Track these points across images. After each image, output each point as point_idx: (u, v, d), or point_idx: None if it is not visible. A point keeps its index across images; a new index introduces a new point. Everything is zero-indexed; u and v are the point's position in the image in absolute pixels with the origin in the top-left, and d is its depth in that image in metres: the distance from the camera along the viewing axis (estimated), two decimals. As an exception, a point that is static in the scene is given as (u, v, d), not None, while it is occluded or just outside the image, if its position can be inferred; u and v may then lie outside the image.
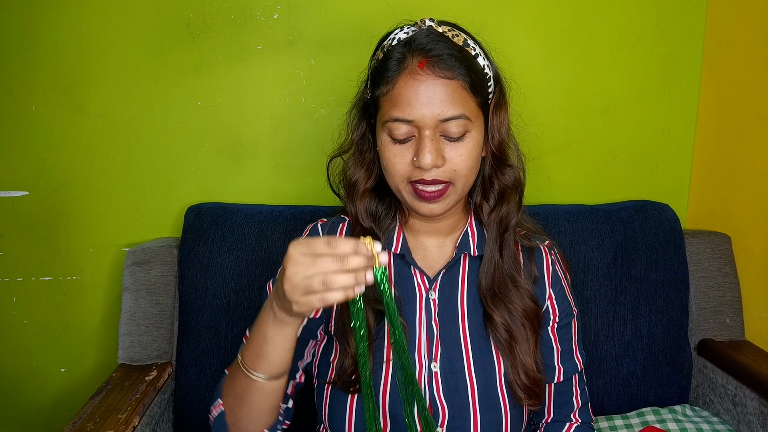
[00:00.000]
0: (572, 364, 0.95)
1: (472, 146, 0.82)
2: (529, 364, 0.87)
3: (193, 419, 1.21)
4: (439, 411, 0.85)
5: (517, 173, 0.91)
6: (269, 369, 0.76)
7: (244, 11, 1.30)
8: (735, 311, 1.33)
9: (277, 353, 0.75)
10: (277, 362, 0.76)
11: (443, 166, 0.81)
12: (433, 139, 0.80)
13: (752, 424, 1.17)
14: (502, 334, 0.87)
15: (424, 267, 0.92)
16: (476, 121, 0.83)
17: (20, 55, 1.27)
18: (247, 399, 0.78)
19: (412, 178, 0.82)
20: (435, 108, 0.79)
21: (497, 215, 0.91)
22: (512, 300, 0.88)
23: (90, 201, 1.33)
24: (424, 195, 0.82)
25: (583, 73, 1.40)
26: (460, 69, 0.80)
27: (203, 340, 1.21)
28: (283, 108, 1.34)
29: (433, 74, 0.79)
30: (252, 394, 0.78)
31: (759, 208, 1.29)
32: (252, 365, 0.76)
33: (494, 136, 0.87)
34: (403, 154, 0.82)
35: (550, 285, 0.94)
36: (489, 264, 0.90)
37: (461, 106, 0.80)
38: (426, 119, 0.79)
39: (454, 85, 0.80)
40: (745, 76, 1.32)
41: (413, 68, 0.80)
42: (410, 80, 0.80)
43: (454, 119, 0.79)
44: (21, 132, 1.29)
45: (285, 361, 0.76)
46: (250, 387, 0.77)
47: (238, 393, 0.79)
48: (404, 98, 0.80)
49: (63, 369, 1.39)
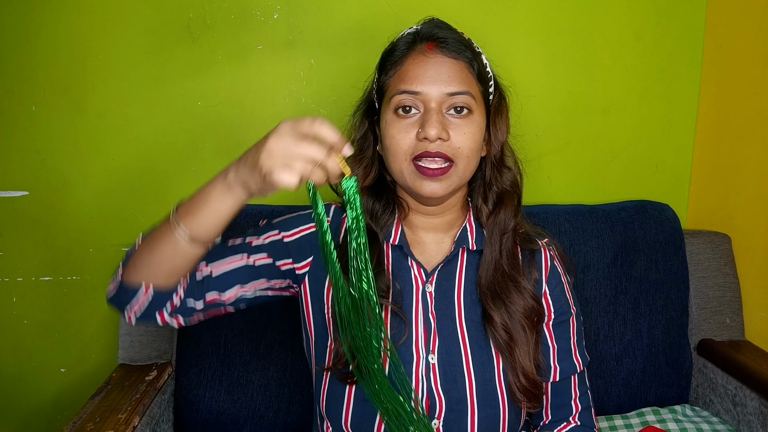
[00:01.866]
0: (570, 365, 0.94)
1: (474, 129, 0.85)
2: (528, 367, 0.86)
3: (193, 419, 1.21)
4: (437, 403, 0.85)
5: (515, 176, 0.93)
6: (193, 228, 0.76)
7: (244, 11, 1.30)
8: (735, 311, 1.33)
9: (209, 218, 0.76)
10: (204, 227, 0.77)
11: (447, 141, 0.83)
12: (438, 112, 0.83)
13: (752, 424, 1.17)
14: (501, 336, 0.87)
15: (422, 261, 0.92)
16: (479, 106, 0.86)
17: (20, 55, 1.27)
18: (158, 247, 0.78)
19: (416, 152, 0.83)
20: (442, 83, 0.83)
21: (495, 218, 0.92)
22: (513, 300, 0.88)
23: (90, 201, 1.33)
24: (427, 172, 0.83)
25: (583, 73, 1.40)
26: (466, 53, 0.85)
27: (203, 340, 1.21)
28: (283, 108, 1.34)
29: (441, 54, 0.84)
30: (164, 244, 0.78)
31: (759, 208, 1.29)
32: (180, 218, 0.77)
33: (495, 138, 0.90)
34: (408, 129, 0.84)
35: (546, 281, 0.94)
36: (490, 261, 0.90)
37: (467, 85, 0.84)
38: (433, 93, 0.83)
39: (461, 65, 0.85)
40: (745, 76, 1.32)
41: (422, 49, 0.85)
42: (419, 57, 0.85)
43: (459, 94, 0.83)
44: (21, 132, 1.29)
45: (210, 230, 0.77)
46: (166, 236, 0.78)
47: (154, 237, 0.79)
48: (412, 73, 0.84)
49: (63, 369, 1.39)
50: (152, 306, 0.81)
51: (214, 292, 0.86)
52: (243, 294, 0.89)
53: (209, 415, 1.21)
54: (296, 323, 1.24)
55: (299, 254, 0.92)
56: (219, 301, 0.87)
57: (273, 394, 1.22)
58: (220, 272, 0.87)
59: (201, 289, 0.85)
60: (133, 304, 0.81)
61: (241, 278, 0.88)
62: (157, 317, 0.83)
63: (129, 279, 0.80)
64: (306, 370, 1.24)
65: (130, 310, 0.81)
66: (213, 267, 0.86)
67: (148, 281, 0.79)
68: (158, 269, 0.79)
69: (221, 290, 0.87)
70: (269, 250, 0.91)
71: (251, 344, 1.22)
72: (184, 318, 0.86)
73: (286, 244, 0.92)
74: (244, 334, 1.22)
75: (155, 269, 0.79)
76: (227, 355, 1.22)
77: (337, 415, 0.87)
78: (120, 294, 0.81)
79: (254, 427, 1.22)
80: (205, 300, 0.86)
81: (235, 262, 0.88)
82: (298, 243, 0.92)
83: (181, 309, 0.84)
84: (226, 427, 1.21)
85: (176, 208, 0.79)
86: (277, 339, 1.23)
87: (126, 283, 0.80)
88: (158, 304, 0.82)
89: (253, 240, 0.91)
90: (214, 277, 0.86)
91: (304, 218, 0.94)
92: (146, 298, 0.80)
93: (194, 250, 0.79)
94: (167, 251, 0.78)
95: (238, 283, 0.88)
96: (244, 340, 1.22)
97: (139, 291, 0.79)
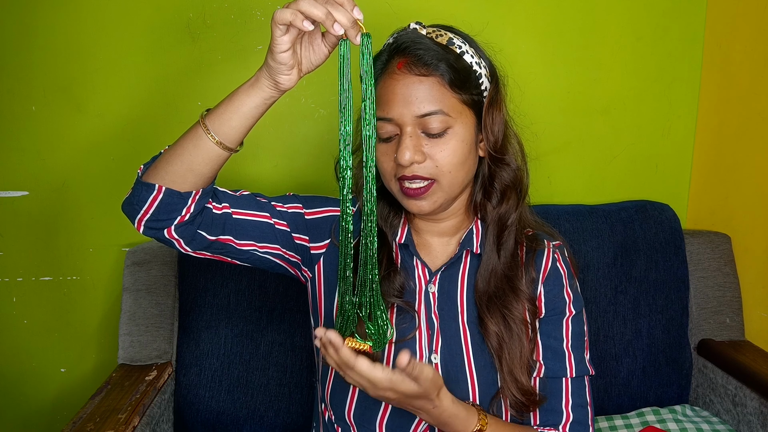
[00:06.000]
0: (560, 366, 0.89)
1: (455, 143, 0.83)
2: (520, 377, 0.85)
3: (193, 419, 1.21)
4: None
5: (516, 172, 0.91)
6: (221, 128, 0.77)
7: (244, 11, 1.30)
8: (735, 311, 1.33)
9: (236, 117, 0.77)
10: (231, 126, 0.77)
11: (424, 162, 0.82)
12: (412, 136, 0.81)
13: (752, 424, 1.17)
14: (493, 344, 0.86)
15: (428, 261, 0.92)
16: (459, 117, 0.83)
17: (20, 55, 1.27)
18: (180, 145, 0.79)
19: (398, 175, 0.84)
20: (412, 105, 0.81)
21: (496, 213, 0.91)
22: (510, 307, 0.87)
23: (90, 201, 1.33)
24: (409, 192, 0.84)
25: (583, 73, 1.40)
26: (437, 66, 0.81)
27: (203, 340, 1.22)
28: (283, 108, 1.34)
29: (409, 73, 0.81)
30: (186, 141, 0.78)
31: (759, 208, 1.29)
32: (206, 118, 0.78)
33: (489, 135, 0.87)
34: (389, 152, 0.84)
35: (542, 282, 0.92)
36: (486, 267, 0.89)
37: (438, 102, 0.81)
38: (404, 117, 0.81)
39: (431, 82, 0.81)
40: (745, 76, 1.32)
41: (392, 69, 0.83)
42: (389, 80, 0.83)
43: (430, 115, 0.81)
44: (21, 132, 1.29)
45: (238, 130, 0.78)
46: (190, 135, 0.78)
47: (179, 139, 0.80)
48: (384, 98, 0.83)
49: (63, 369, 1.39)
50: (161, 210, 0.79)
51: (229, 236, 0.86)
52: (254, 249, 0.89)
53: (209, 415, 1.21)
54: (296, 323, 1.25)
55: (317, 234, 0.93)
56: (231, 242, 0.87)
57: (273, 394, 1.22)
58: (239, 218, 0.87)
59: (217, 226, 0.85)
60: (145, 205, 0.79)
61: (258, 233, 0.88)
62: (164, 230, 0.81)
63: (147, 178, 0.80)
64: (306, 370, 1.24)
65: (142, 215, 0.80)
66: (234, 210, 0.87)
67: (163, 182, 0.79)
68: (176, 167, 0.78)
69: (237, 238, 0.87)
70: (290, 219, 0.92)
71: (251, 344, 1.22)
72: (189, 243, 0.84)
73: (306, 220, 0.93)
74: (244, 334, 1.23)
75: (173, 167, 0.78)
76: (227, 355, 1.22)
77: (340, 404, 0.88)
78: (134, 194, 0.80)
79: (254, 427, 1.22)
80: (218, 238, 0.86)
81: (257, 216, 0.89)
82: (318, 223, 0.93)
83: (190, 232, 0.82)
84: (226, 427, 1.21)
85: (204, 113, 0.80)
86: (277, 339, 1.23)
87: (143, 181, 0.80)
88: (167, 210, 0.79)
89: (278, 205, 0.91)
90: (234, 219, 0.86)
91: (329, 201, 0.95)
92: (157, 198, 0.79)
93: (215, 150, 0.78)
94: (188, 146, 0.78)
95: (254, 236, 0.88)
96: (244, 340, 1.22)
97: (153, 191, 0.78)
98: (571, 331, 0.92)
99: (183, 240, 0.83)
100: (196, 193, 0.80)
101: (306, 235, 0.93)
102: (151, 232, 0.81)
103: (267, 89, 0.76)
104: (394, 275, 0.88)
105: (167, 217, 0.79)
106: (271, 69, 0.75)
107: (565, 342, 0.91)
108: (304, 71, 0.77)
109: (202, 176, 0.79)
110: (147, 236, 0.82)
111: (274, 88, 0.76)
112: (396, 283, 0.88)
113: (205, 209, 0.83)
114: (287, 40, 0.71)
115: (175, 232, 0.81)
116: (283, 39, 0.71)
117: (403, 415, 0.87)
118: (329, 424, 0.92)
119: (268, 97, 0.77)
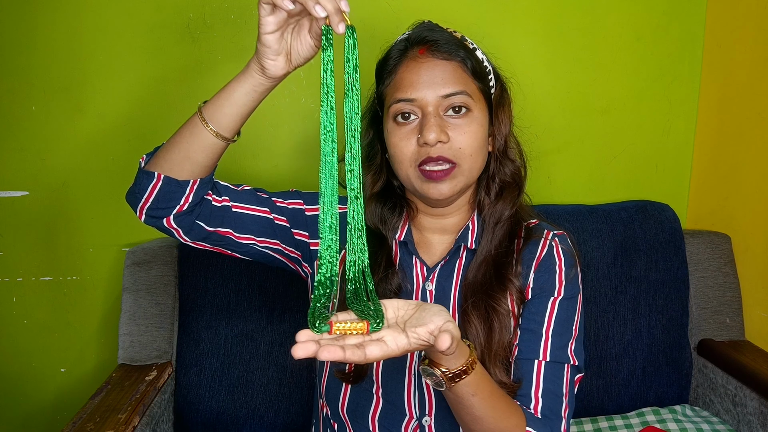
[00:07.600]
0: (533, 348, 0.85)
1: (475, 126, 0.85)
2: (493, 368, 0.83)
3: (193, 419, 1.21)
4: (426, 400, 0.87)
5: (517, 168, 0.92)
6: (215, 116, 0.79)
7: (244, 11, 1.30)
8: (735, 311, 1.33)
9: (227, 105, 0.78)
10: (226, 116, 0.79)
11: (448, 143, 0.83)
12: (436, 116, 0.83)
13: (752, 424, 1.17)
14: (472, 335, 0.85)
15: (426, 259, 0.92)
16: (478, 102, 0.86)
17: (20, 55, 1.27)
18: (178, 135, 0.81)
19: (420, 159, 0.84)
20: (436, 86, 0.83)
21: (493, 209, 0.91)
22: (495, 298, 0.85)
23: (90, 201, 1.33)
24: (432, 175, 0.83)
25: (583, 73, 1.40)
26: (458, 52, 0.85)
27: (203, 340, 1.22)
28: (283, 108, 1.34)
29: (433, 57, 0.84)
30: (184, 130, 0.81)
31: (759, 208, 1.29)
32: (205, 110, 0.80)
33: (498, 132, 0.90)
34: (409, 136, 0.84)
35: (534, 270, 0.90)
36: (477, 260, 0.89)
37: (462, 84, 0.84)
38: (428, 97, 0.83)
39: (454, 65, 0.84)
40: (745, 76, 1.32)
41: (414, 55, 0.85)
42: (411, 64, 0.85)
43: (455, 95, 0.83)
44: (21, 132, 1.29)
45: (231, 118, 0.79)
46: (188, 125, 0.80)
47: (178, 130, 0.82)
48: (406, 80, 0.84)
49: (63, 369, 1.39)
50: (160, 198, 0.81)
51: (228, 229, 0.88)
52: (253, 243, 0.91)
53: (209, 415, 1.21)
54: (296, 323, 1.25)
55: (317, 230, 0.92)
56: (230, 235, 0.89)
57: (273, 394, 1.22)
58: (239, 211, 0.89)
59: (215, 218, 0.86)
60: (145, 194, 0.81)
61: (257, 228, 0.90)
62: (164, 219, 0.84)
63: (148, 167, 0.83)
64: (306, 369, 1.24)
65: (143, 204, 0.82)
66: (233, 204, 0.88)
67: (162, 170, 0.81)
68: (174, 155, 0.81)
69: (236, 231, 0.89)
70: (289, 215, 0.93)
71: (251, 344, 1.22)
72: (188, 233, 0.86)
73: (306, 216, 0.94)
74: (244, 334, 1.23)
75: (171, 155, 0.81)
76: (227, 355, 1.22)
77: (334, 398, 0.90)
78: (136, 183, 0.83)
79: (254, 427, 1.22)
80: (216, 230, 0.87)
81: (257, 211, 0.90)
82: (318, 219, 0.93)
83: (188, 222, 0.85)
84: (226, 427, 1.21)
85: (202, 105, 0.81)
86: (277, 339, 1.23)
87: (144, 170, 0.82)
88: (166, 199, 0.82)
89: (278, 200, 0.93)
90: (233, 212, 0.88)
91: None
92: (157, 186, 0.81)
93: (210, 138, 0.80)
94: (185, 135, 0.80)
95: (253, 230, 0.90)
96: (244, 340, 1.22)
97: (153, 179, 0.81)
98: (556, 316, 0.87)
99: (182, 230, 0.85)
100: (194, 182, 0.82)
101: (306, 231, 0.93)
102: (152, 221, 0.84)
103: (256, 75, 0.77)
104: (392, 276, 0.89)
105: (166, 205, 0.82)
106: (258, 53, 0.75)
107: (545, 325, 0.87)
108: (294, 63, 0.76)
109: (199, 164, 0.81)
110: (148, 225, 0.85)
111: (262, 74, 0.76)
112: (393, 284, 0.88)
113: (204, 201, 0.85)
114: (272, 21, 0.71)
115: (173, 221, 0.84)
116: (268, 20, 0.71)
117: (395, 411, 0.87)
118: (326, 420, 0.94)
119: (258, 84, 0.77)
